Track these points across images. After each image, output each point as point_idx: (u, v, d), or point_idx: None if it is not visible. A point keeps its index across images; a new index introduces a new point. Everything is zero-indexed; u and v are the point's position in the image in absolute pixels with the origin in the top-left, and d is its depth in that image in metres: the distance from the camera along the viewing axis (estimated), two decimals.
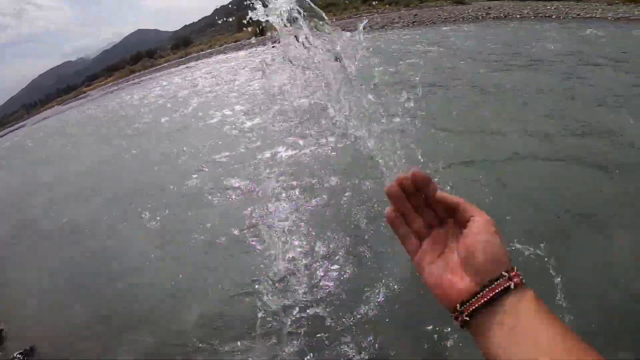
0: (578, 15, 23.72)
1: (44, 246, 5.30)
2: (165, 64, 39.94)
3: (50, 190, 7.57)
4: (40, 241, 5.47)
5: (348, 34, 1.47)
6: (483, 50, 10.84)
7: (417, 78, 8.33)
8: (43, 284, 4.28)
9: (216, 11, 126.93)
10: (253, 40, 27.18)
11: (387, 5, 34.28)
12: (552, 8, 26.44)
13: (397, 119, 5.58)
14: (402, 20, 22.62)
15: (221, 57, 24.27)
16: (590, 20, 21.35)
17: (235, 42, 34.16)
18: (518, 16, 22.76)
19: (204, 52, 37.52)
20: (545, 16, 22.95)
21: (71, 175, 8.17)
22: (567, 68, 7.83)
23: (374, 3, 37.00)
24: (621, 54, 8.96)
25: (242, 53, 21.87)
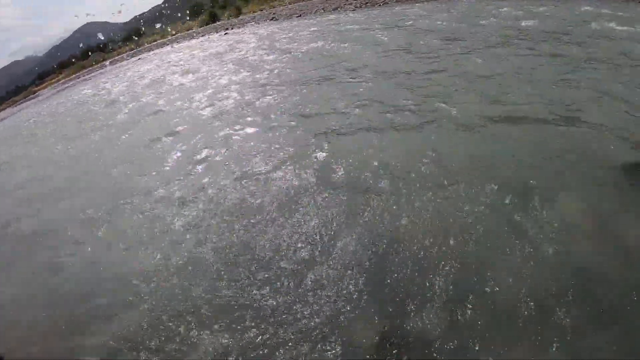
0: None
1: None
2: (117, 57, 38.53)
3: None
4: None
5: None
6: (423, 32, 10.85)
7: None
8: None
9: (167, 0, 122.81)
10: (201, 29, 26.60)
11: None
12: None
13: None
14: (355, 2, 22.29)
15: (174, 46, 23.60)
16: None
17: (187, 30, 33.21)
18: None
19: (156, 43, 36.39)
20: None
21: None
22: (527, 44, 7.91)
23: None
24: (567, 28, 9.21)
25: (194, 42, 21.30)
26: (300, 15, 21.01)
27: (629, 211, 3.23)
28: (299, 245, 3.34)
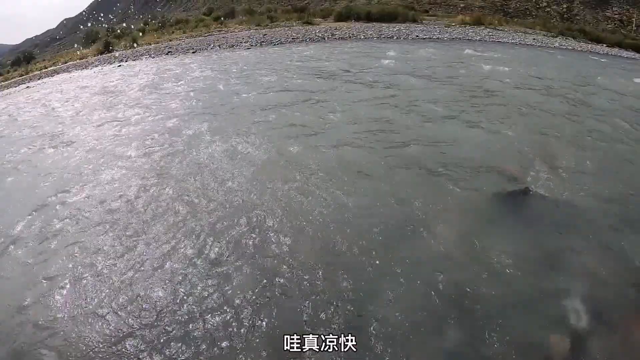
0: (417, 36, 26.39)
1: None
2: (4, 82, 35.71)
3: None
4: None
5: None
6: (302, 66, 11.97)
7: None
8: None
9: (62, 24, 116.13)
10: (94, 58, 25.78)
11: (238, 25, 34.84)
12: (395, 30, 29.27)
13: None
14: (251, 40, 23.24)
15: (64, 76, 22.60)
16: (426, 41, 24.12)
17: (80, 59, 31.88)
18: (362, 37, 24.51)
19: (47, 70, 34.37)
20: (387, 37, 25.27)
21: None
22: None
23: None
24: (447, 68, 10.82)
25: (86, 72, 20.66)
26: (195, 52, 21.29)
27: (499, 236, 3.85)
28: None
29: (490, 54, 18.03)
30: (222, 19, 41.89)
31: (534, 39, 36.12)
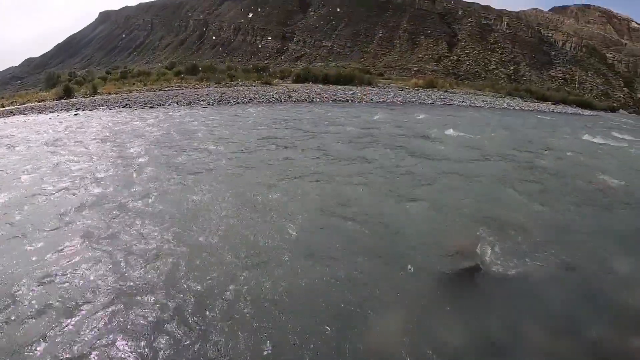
0: (372, 100, 27.63)
1: None
2: None
3: None
4: None
5: None
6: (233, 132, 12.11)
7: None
8: None
9: (25, 63, 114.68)
10: (53, 103, 25.82)
11: (198, 82, 35.79)
12: (350, 93, 30.72)
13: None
14: (209, 98, 24.02)
15: (19, 118, 22.50)
16: (380, 105, 25.30)
17: (39, 101, 31.97)
18: (318, 100, 25.65)
19: (3, 110, 34.06)
20: (342, 100, 26.54)
21: None
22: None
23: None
24: (398, 135, 11.69)
25: (42, 117, 20.79)
26: (152, 107, 21.81)
27: (448, 322, 3.71)
28: None
29: (441, 118, 19.13)
30: (182, 74, 42.88)
31: (483, 100, 39.55)
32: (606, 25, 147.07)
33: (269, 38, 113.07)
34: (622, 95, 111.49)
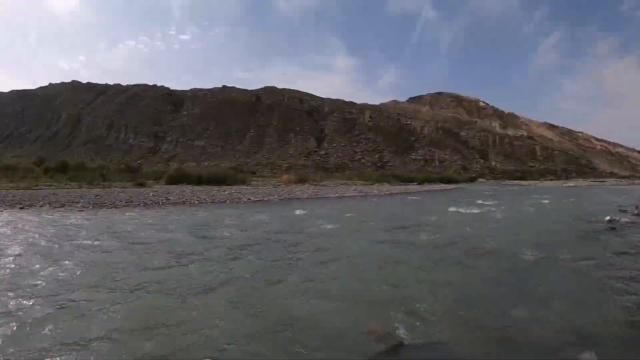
0: (249, 199, 28.25)
1: None
2: None
3: None
4: None
5: None
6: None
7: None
8: None
9: None
10: None
11: (69, 181, 33.50)
12: (226, 194, 31.40)
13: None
14: (83, 200, 23.32)
15: None
16: (257, 204, 25.81)
17: None
18: (196, 202, 25.86)
19: None
20: (220, 201, 26.96)
21: None
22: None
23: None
24: (281, 232, 12.18)
25: None
26: (23, 207, 20.74)
27: None
28: None
29: (315, 212, 19.93)
30: (52, 172, 40.27)
31: (354, 189, 43.73)
32: (457, 108, 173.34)
33: (144, 138, 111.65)
34: (478, 167, 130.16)
